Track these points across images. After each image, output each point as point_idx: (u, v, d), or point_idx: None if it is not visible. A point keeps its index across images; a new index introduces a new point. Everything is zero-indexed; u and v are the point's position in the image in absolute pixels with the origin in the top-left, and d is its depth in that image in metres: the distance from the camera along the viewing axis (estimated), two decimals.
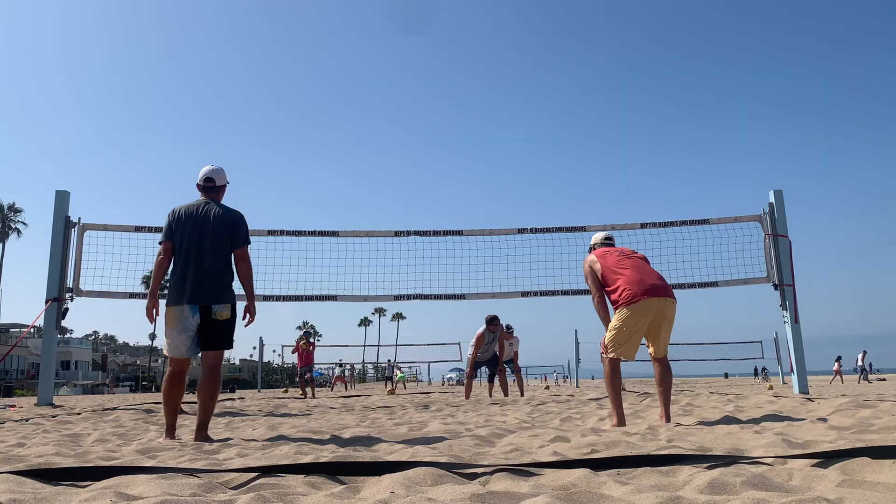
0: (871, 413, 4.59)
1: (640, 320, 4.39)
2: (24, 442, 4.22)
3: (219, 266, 4.18)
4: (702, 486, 2.05)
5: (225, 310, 4.15)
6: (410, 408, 7.73)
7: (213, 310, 4.12)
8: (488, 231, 9.13)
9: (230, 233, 4.23)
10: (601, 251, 4.77)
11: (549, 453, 2.97)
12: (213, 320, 4.13)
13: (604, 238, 5.01)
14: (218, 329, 4.16)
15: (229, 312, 4.18)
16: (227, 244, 4.23)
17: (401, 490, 2.14)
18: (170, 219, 4.31)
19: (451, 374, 53.70)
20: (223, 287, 4.18)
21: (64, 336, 59.63)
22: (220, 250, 4.20)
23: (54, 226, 8.63)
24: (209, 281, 4.13)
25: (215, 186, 4.43)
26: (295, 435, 4.42)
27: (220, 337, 4.19)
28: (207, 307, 4.12)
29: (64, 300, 8.51)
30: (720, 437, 3.55)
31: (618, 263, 4.60)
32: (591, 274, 4.67)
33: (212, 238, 4.18)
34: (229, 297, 4.21)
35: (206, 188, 4.41)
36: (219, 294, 4.15)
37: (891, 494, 1.89)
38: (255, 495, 2.05)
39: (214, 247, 4.18)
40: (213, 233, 4.19)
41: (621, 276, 4.51)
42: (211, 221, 4.22)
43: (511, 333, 11.84)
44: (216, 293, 4.14)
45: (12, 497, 2.02)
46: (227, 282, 4.22)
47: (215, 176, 4.42)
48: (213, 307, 4.12)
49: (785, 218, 8.81)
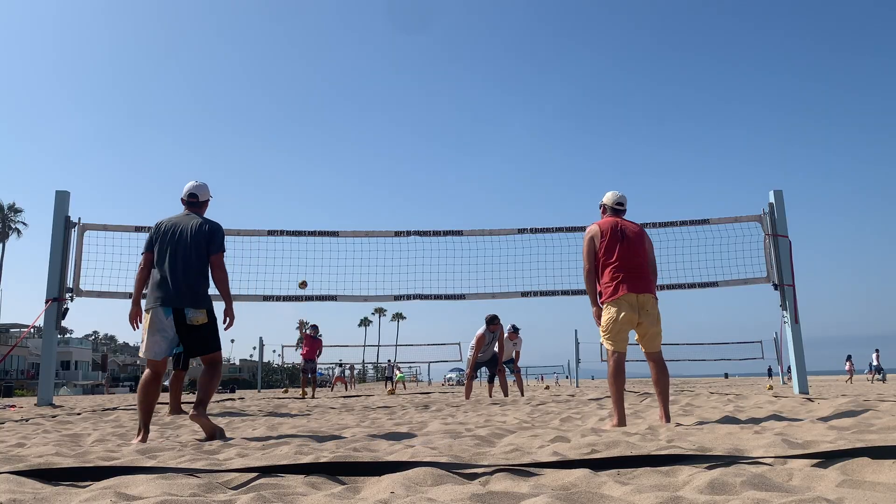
0: (871, 413, 4.59)
1: (621, 315, 4.45)
2: (24, 442, 4.22)
3: (192, 272, 4.30)
4: (702, 486, 2.05)
5: (200, 315, 4.26)
6: (410, 408, 7.73)
7: (187, 314, 4.23)
8: (488, 231, 9.14)
9: (206, 241, 4.37)
10: (607, 225, 4.65)
11: (549, 453, 2.97)
12: (191, 326, 4.24)
13: (615, 203, 4.79)
14: (197, 334, 4.28)
15: (205, 317, 4.29)
16: (204, 253, 4.36)
17: (401, 490, 2.14)
18: (152, 231, 4.48)
19: (451, 374, 53.68)
20: (197, 293, 4.29)
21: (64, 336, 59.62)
22: (195, 258, 4.33)
23: (54, 226, 8.63)
24: (183, 286, 4.25)
25: (198, 202, 4.61)
26: (295, 435, 4.43)
27: (202, 342, 4.31)
28: (180, 311, 4.23)
29: (64, 300, 8.51)
30: (720, 437, 3.55)
31: (609, 248, 4.56)
32: (590, 245, 4.65)
33: (187, 247, 4.33)
34: (204, 302, 4.31)
35: (189, 203, 4.59)
36: (192, 299, 4.26)
37: (891, 494, 1.89)
38: (255, 495, 2.05)
39: (189, 255, 4.32)
40: (189, 242, 4.34)
41: (609, 265, 4.54)
42: (188, 231, 4.38)
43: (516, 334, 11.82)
44: (189, 298, 4.25)
45: (12, 497, 2.02)
46: (202, 288, 4.33)
47: (198, 192, 4.61)
48: (187, 311, 4.23)
49: (785, 218, 8.81)
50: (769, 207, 8.88)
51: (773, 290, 8.71)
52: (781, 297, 8.64)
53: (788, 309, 8.55)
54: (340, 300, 8.94)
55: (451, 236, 9.08)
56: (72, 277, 8.55)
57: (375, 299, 9.25)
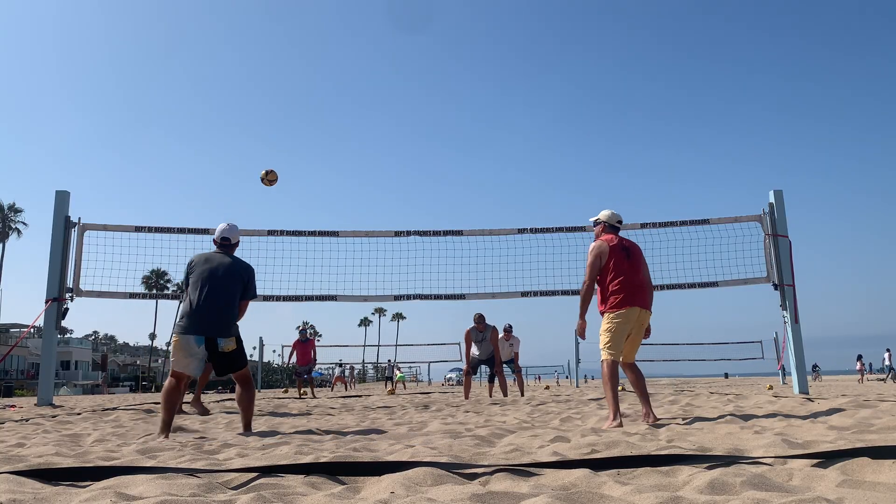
0: (871, 413, 4.59)
1: (624, 326, 4.74)
2: (24, 442, 4.22)
3: (226, 306, 4.72)
4: (702, 487, 2.05)
5: (230, 343, 4.72)
6: (410, 408, 7.73)
7: (220, 343, 4.68)
8: (488, 231, 9.14)
9: (241, 283, 4.84)
10: (612, 244, 4.85)
11: (549, 453, 2.97)
12: (221, 352, 4.70)
13: (615, 221, 5.03)
14: (227, 358, 4.75)
15: (234, 344, 4.75)
16: (237, 290, 4.81)
17: (401, 490, 2.14)
18: (188, 266, 4.91)
19: (451, 374, 53.67)
20: (228, 324, 4.72)
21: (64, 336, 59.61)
22: (229, 293, 4.75)
23: (54, 226, 8.63)
24: (216, 318, 4.67)
25: (230, 244, 5.03)
26: (295, 435, 4.43)
27: (232, 363, 4.78)
28: (213, 339, 4.67)
29: (64, 300, 8.51)
30: (720, 437, 3.55)
31: (618, 264, 4.78)
32: (596, 261, 4.82)
33: (222, 282, 4.74)
34: (233, 331, 4.76)
35: (221, 245, 5.01)
36: (223, 329, 4.69)
37: (891, 494, 1.89)
38: (255, 495, 2.05)
39: (224, 290, 4.74)
40: (225, 278, 4.76)
41: (617, 280, 4.75)
42: (225, 268, 4.82)
43: (510, 333, 11.83)
44: (220, 328, 4.68)
45: (12, 497, 2.02)
46: (232, 319, 4.77)
47: (230, 235, 5.03)
48: (219, 341, 4.68)
49: (785, 218, 8.81)
50: (769, 207, 8.88)
51: (773, 290, 8.71)
52: (781, 297, 8.64)
53: (788, 309, 8.55)
54: (340, 300, 8.93)
55: (451, 236, 9.08)
56: (72, 277, 8.54)
57: (375, 299, 9.25)
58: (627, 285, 4.73)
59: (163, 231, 8.67)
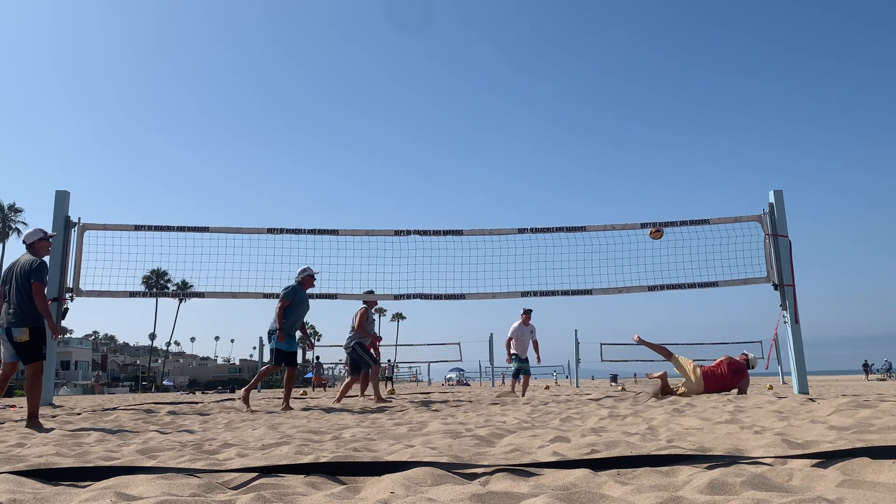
0: (871, 413, 4.58)
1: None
2: (24, 442, 4.22)
3: (19, 300, 5.51)
4: (702, 487, 2.05)
5: (23, 334, 5.47)
6: (410, 408, 7.73)
7: (14, 333, 5.48)
8: (488, 231, 9.13)
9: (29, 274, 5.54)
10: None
11: (549, 453, 2.97)
12: (16, 343, 5.48)
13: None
14: (21, 349, 5.51)
15: (27, 336, 5.48)
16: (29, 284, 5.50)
17: (401, 490, 2.14)
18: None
19: (452, 374, 53.59)
20: (21, 316, 5.49)
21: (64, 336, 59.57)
22: (22, 288, 5.52)
23: (54, 226, 8.62)
24: (11, 311, 5.52)
25: (27, 244, 5.82)
26: (295, 435, 4.42)
27: (24, 354, 5.52)
28: (9, 329, 5.50)
29: (64, 300, 8.50)
30: (720, 437, 3.55)
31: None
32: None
33: (16, 279, 5.57)
34: (27, 322, 5.49)
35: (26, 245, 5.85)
36: (17, 321, 5.49)
37: (891, 494, 1.89)
38: (255, 495, 2.05)
39: (19, 286, 5.54)
40: (18, 275, 5.59)
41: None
42: (21, 266, 5.66)
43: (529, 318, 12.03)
44: (15, 320, 5.50)
45: (12, 497, 2.02)
46: (26, 313, 5.49)
47: (25, 237, 5.87)
48: (14, 331, 5.48)
49: (785, 218, 8.80)
50: (769, 207, 8.88)
51: (773, 290, 8.71)
52: (781, 297, 8.63)
53: (788, 309, 8.55)
54: (340, 299, 8.93)
55: (451, 236, 9.07)
56: (72, 277, 8.54)
57: (375, 298, 9.25)
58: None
59: (162, 230, 8.66)
